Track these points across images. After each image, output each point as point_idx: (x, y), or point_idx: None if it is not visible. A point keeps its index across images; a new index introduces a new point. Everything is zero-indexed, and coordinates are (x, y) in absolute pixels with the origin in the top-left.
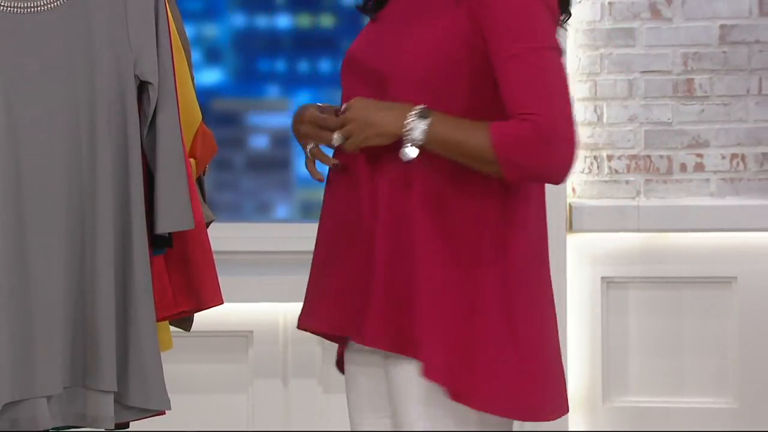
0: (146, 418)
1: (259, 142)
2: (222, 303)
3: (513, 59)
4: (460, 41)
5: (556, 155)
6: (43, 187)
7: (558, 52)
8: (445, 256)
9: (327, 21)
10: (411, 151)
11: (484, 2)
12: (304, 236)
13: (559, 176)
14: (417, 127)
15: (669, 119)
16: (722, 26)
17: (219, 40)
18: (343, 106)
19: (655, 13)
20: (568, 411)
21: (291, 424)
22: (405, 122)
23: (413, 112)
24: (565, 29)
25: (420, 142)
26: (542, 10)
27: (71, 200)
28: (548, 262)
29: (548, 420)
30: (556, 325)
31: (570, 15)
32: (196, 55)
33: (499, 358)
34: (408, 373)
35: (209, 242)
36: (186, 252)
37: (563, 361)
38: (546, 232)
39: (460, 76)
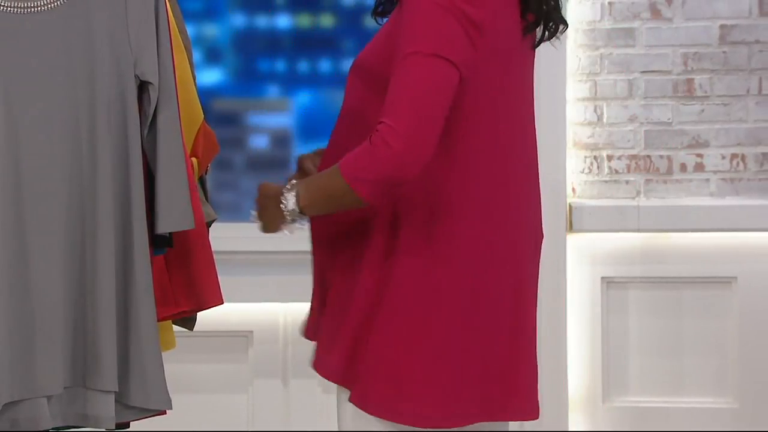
0: (147, 417)
1: (259, 142)
2: (222, 303)
3: (396, 64)
4: (392, 41)
5: (384, 153)
6: (44, 187)
7: (441, 60)
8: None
9: (327, 21)
10: (291, 228)
11: (402, 6)
12: (304, 236)
13: (401, 173)
14: (289, 198)
15: (669, 119)
16: (722, 26)
17: (219, 40)
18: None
19: (655, 13)
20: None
21: (291, 424)
22: (279, 198)
23: (285, 189)
24: (560, 38)
25: (298, 210)
26: (445, 19)
27: (71, 200)
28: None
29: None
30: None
31: (566, 26)
32: (196, 55)
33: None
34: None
35: (209, 242)
36: (186, 252)
37: (564, 360)
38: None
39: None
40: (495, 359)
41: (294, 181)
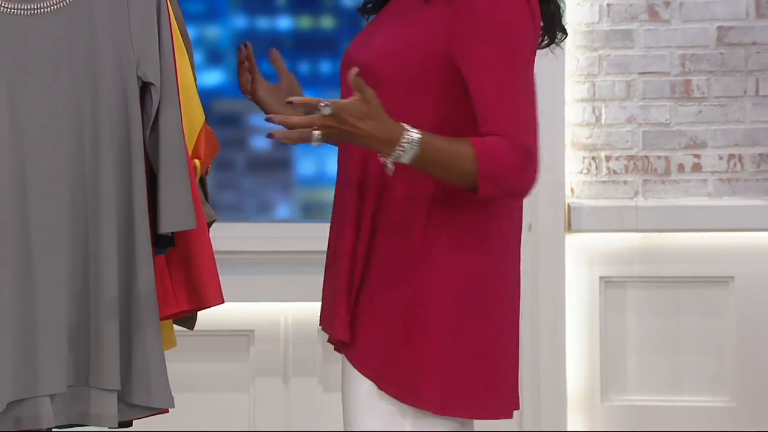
0: (149, 416)
1: (260, 143)
2: (223, 302)
3: (487, 69)
4: (439, 41)
5: (528, 174)
6: (47, 188)
7: (532, 63)
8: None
9: (327, 22)
10: (390, 170)
11: (468, 4)
12: (304, 236)
13: (525, 194)
14: (408, 151)
15: (667, 120)
16: (719, 28)
17: (220, 41)
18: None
19: (653, 14)
20: (502, 414)
21: (292, 423)
22: (401, 133)
23: (406, 128)
24: (561, 46)
25: (414, 155)
26: (525, 17)
27: (75, 201)
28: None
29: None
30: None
31: (566, 34)
32: (197, 57)
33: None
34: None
35: (211, 242)
36: (188, 252)
37: (562, 359)
38: (512, 229)
39: (433, 78)
40: (516, 351)
41: (415, 129)
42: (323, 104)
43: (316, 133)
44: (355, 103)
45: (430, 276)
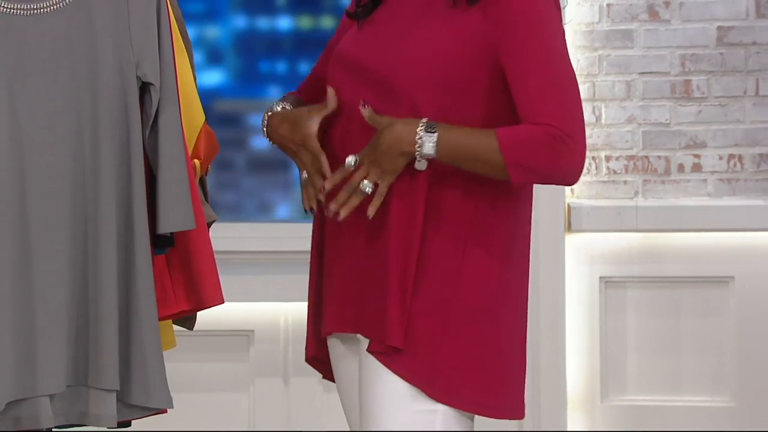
0: (148, 416)
1: (260, 143)
2: (223, 302)
3: (527, 63)
4: (477, 44)
5: (565, 159)
6: (47, 187)
7: (567, 52)
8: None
9: (327, 22)
10: (421, 165)
11: (501, 3)
12: (304, 236)
13: (569, 179)
14: (426, 141)
15: (667, 120)
16: (719, 28)
17: (220, 41)
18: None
19: (653, 14)
20: (521, 415)
21: (291, 423)
22: (415, 138)
23: (420, 128)
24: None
25: (431, 156)
26: (556, 11)
27: (74, 201)
28: (528, 264)
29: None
30: (526, 327)
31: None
32: (197, 57)
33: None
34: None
35: (210, 242)
36: (187, 252)
37: (562, 359)
38: (530, 234)
39: (478, 79)
40: (525, 352)
41: (426, 120)
42: (348, 162)
43: (364, 182)
44: (376, 138)
45: (472, 279)
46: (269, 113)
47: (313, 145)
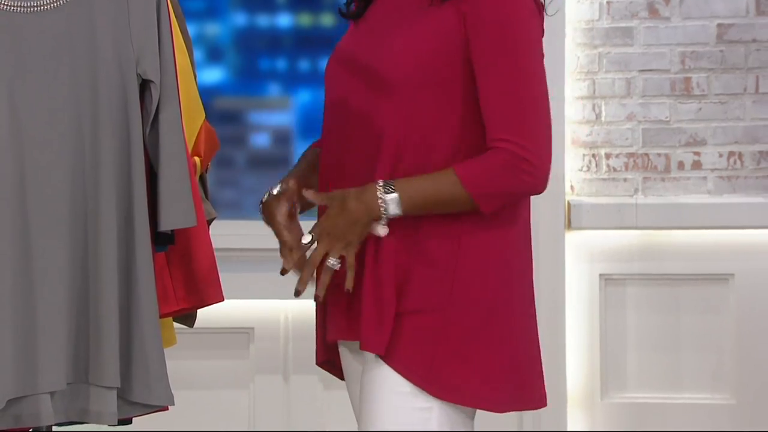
0: (149, 413)
1: (260, 140)
2: (223, 300)
3: (492, 76)
4: (452, 41)
5: (528, 176)
6: (47, 185)
7: (541, 60)
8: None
9: (327, 20)
10: (382, 230)
11: (475, 5)
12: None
13: (536, 191)
14: (389, 203)
15: (667, 117)
16: (719, 25)
17: (220, 38)
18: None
19: (653, 12)
20: (532, 405)
21: (292, 420)
22: (378, 203)
23: (379, 191)
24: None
25: (398, 215)
26: (530, 13)
27: (75, 198)
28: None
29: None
30: (536, 322)
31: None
32: (197, 54)
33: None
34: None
35: (211, 239)
36: (188, 249)
37: (562, 356)
38: (530, 227)
39: (454, 76)
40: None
41: (382, 182)
42: (303, 240)
43: (330, 261)
44: (328, 212)
45: (469, 273)
46: (263, 199)
47: (274, 230)
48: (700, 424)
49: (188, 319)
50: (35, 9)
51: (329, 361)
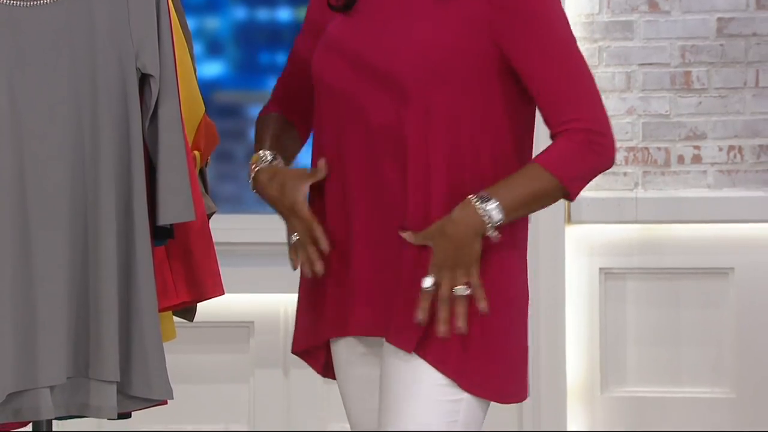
0: (148, 407)
1: None
2: (223, 294)
3: (543, 56)
4: (484, 33)
5: (606, 151)
6: (47, 178)
7: (574, 37)
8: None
9: None
10: (496, 236)
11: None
12: None
13: (610, 165)
14: (491, 212)
15: (667, 111)
16: (720, 19)
17: (220, 32)
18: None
19: (653, 5)
20: (526, 397)
21: (291, 414)
22: (481, 217)
23: (477, 205)
24: None
25: (501, 221)
26: (560, 3)
27: (74, 192)
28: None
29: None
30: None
31: None
32: (197, 48)
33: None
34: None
35: (210, 233)
36: (187, 243)
37: (562, 350)
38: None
39: (490, 73)
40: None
41: (482, 194)
42: (424, 285)
43: (457, 289)
44: (436, 248)
45: (494, 270)
46: (256, 168)
47: (304, 214)
48: (700, 417)
49: (188, 312)
50: (35, 3)
51: (307, 351)
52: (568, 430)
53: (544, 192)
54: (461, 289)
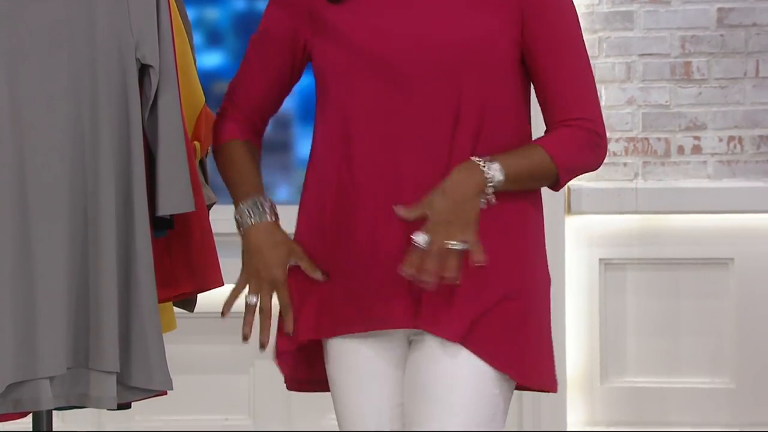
0: (148, 398)
1: None
2: (223, 284)
3: (561, 53)
4: (516, 22)
5: (603, 152)
6: (47, 171)
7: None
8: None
9: None
10: (492, 200)
11: None
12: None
13: (597, 168)
14: (493, 170)
15: (667, 102)
16: (720, 9)
17: (220, 23)
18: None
19: None
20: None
21: (292, 404)
22: (482, 174)
23: (479, 163)
24: None
25: (500, 183)
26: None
27: (74, 184)
28: None
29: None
30: None
31: None
32: (197, 38)
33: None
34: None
35: (210, 224)
36: (187, 234)
37: (562, 341)
38: None
39: (512, 61)
40: None
41: (477, 157)
42: (417, 240)
43: (452, 245)
44: (433, 208)
45: (532, 260)
46: (255, 219)
47: (282, 294)
48: (700, 408)
49: (188, 303)
50: None
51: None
52: (567, 419)
53: (540, 173)
54: (456, 244)
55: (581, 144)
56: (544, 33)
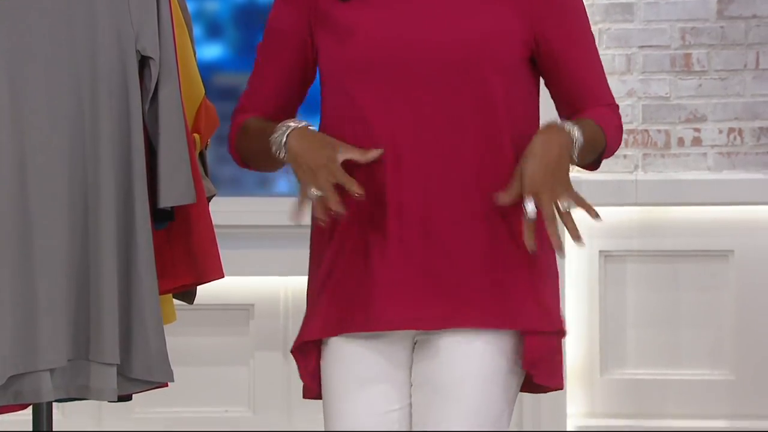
0: (149, 390)
1: None
2: (223, 276)
3: (580, 44)
4: (524, 25)
5: (620, 143)
6: (47, 163)
7: None
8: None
9: None
10: (576, 160)
11: None
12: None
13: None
14: (575, 131)
15: (667, 94)
16: (720, 1)
17: (220, 15)
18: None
19: None
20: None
21: (291, 396)
22: (569, 134)
23: (564, 126)
24: None
25: (581, 147)
26: None
27: (74, 174)
28: None
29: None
30: None
31: None
32: (197, 31)
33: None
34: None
35: (210, 216)
36: (187, 226)
37: None
38: None
39: (527, 54)
40: None
41: (562, 121)
42: (528, 210)
43: (563, 204)
44: (527, 175)
45: (548, 264)
46: (293, 127)
47: (339, 174)
48: (699, 399)
49: (188, 295)
50: None
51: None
52: (567, 411)
53: (596, 144)
54: (566, 205)
55: (618, 125)
56: (563, 24)
